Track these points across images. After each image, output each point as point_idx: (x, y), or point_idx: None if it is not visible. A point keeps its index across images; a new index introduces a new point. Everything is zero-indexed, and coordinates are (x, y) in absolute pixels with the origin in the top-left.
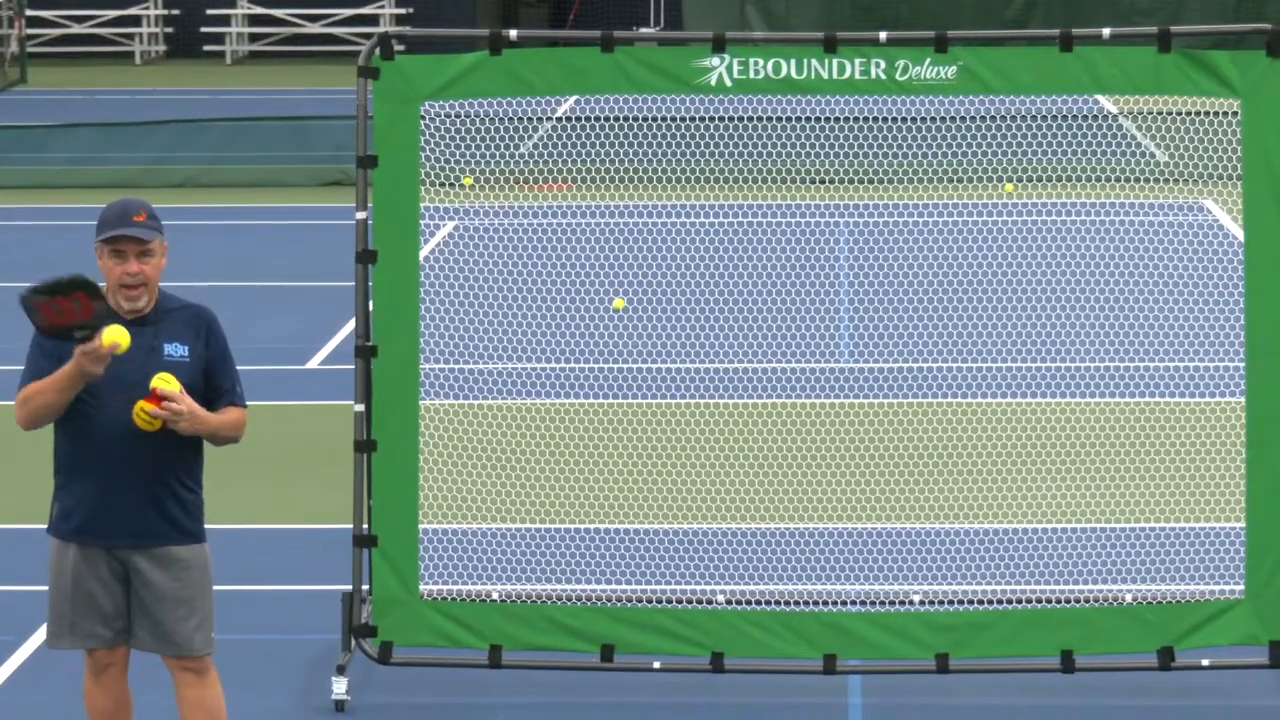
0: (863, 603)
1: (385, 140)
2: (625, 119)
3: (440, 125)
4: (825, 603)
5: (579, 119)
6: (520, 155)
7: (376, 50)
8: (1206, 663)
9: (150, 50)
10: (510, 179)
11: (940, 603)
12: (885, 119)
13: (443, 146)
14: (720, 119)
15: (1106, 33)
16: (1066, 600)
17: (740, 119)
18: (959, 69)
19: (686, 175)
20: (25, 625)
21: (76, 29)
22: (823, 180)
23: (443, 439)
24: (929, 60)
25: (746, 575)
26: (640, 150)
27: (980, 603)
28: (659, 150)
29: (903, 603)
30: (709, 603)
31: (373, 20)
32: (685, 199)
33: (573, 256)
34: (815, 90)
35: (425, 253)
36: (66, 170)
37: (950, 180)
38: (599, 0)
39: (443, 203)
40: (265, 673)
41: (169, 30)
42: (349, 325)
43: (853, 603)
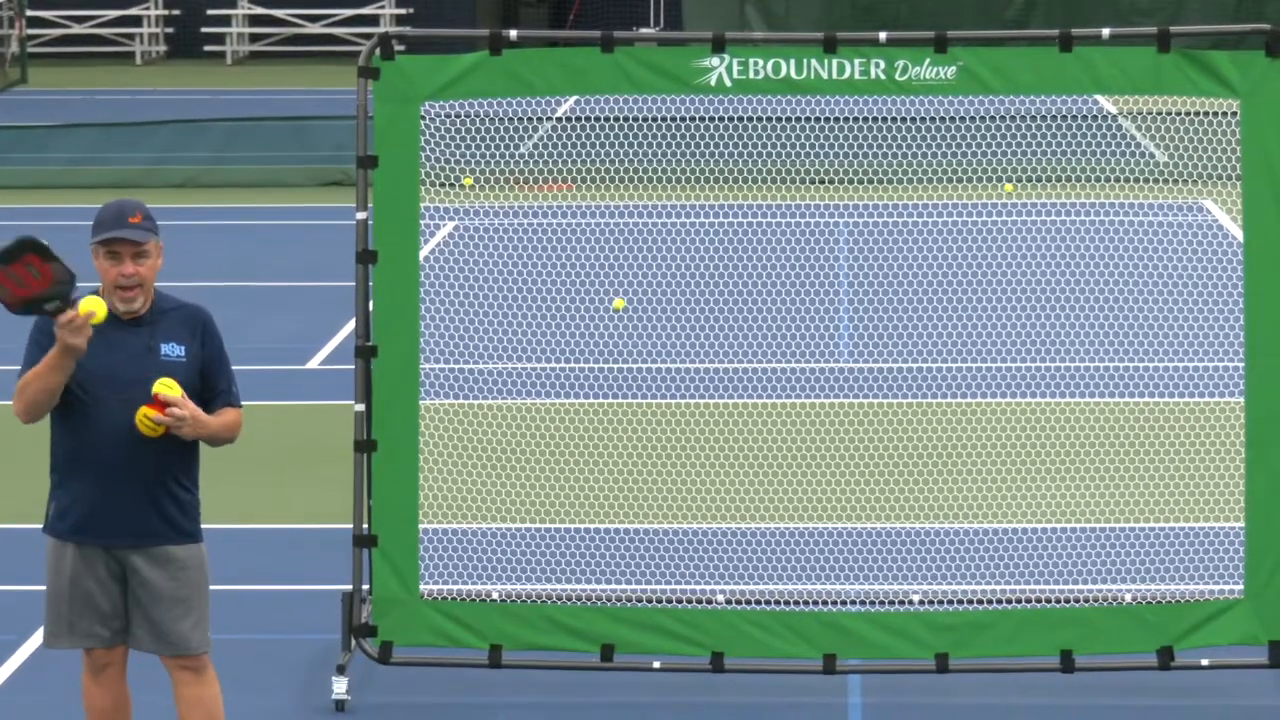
0: (862, 602)
1: (385, 140)
2: (625, 119)
3: (440, 125)
4: (825, 602)
5: (579, 119)
6: (520, 155)
7: (377, 50)
8: (1206, 662)
9: (151, 50)
10: (510, 179)
11: (940, 602)
12: (885, 119)
13: (443, 146)
14: (720, 119)
15: (1106, 33)
16: (1066, 600)
17: (740, 119)
18: (959, 69)
19: (686, 175)
20: (25, 625)
21: (77, 29)
22: (822, 180)
23: (443, 439)
24: (929, 60)
25: (746, 575)
26: (640, 150)
27: (980, 602)
28: (659, 150)
29: (902, 602)
30: (709, 602)
31: (373, 20)
32: (685, 199)
33: (573, 256)
34: (815, 90)
35: (425, 253)
36: (67, 170)
37: (950, 180)
38: (599, 0)
39: (443, 203)
40: (265, 672)
41: (169, 30)
42: (349, 325)
43: (852, 602)
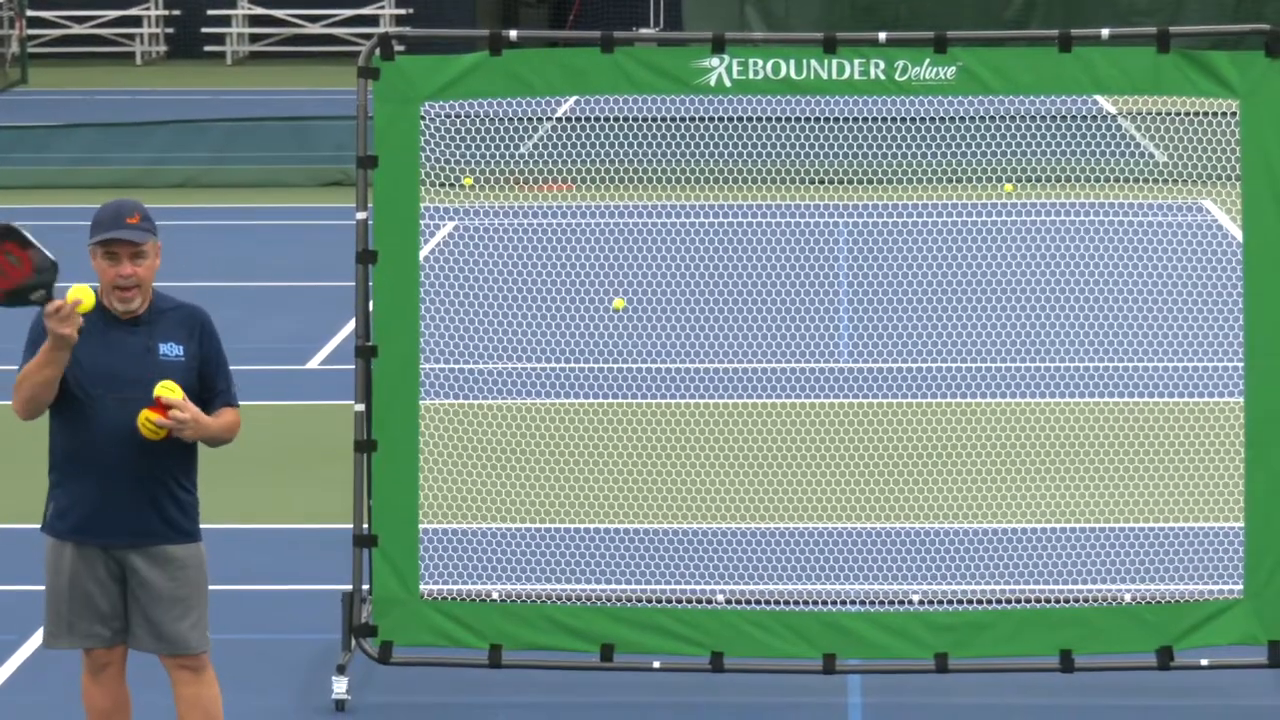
0: (862, 602)
1: (385, 140)
2: (625, 119)
3: (440, 125)
4: (825, 602)
5: (579, 119)
6: (520, 155)
7: (377, 51)
8: (1205, 662)
9: (151, 51)
10: (510, 179)
11: (940, 602)
12: (884, 119)
13: (443, 147)
14: (720, 119)
15: (1105, 33)
16: (1066, 600)
17: (740, 119)
18: (958, 69)
19: (686, 176)
20: (25, 625)
21: (77, 29)
22: (822, 180)
23: (443, 439)
24: (928, 61)
25: (746, 575)
26: (640, 150)
27: (979, 602)
28: (658, 151)
29: (902, 602)
30: (708, 602)
31: (373, 21)
32: (685, 199)
33: (573, 256)
34: (815, 91)
35: (425, 253)
36: (67, 170)
37: (949, 180)
38: (599, 1)
39: (443, 203)
40: (265, 672)
41: (169, 31)
42: (349, 325)
43: (852, 602)
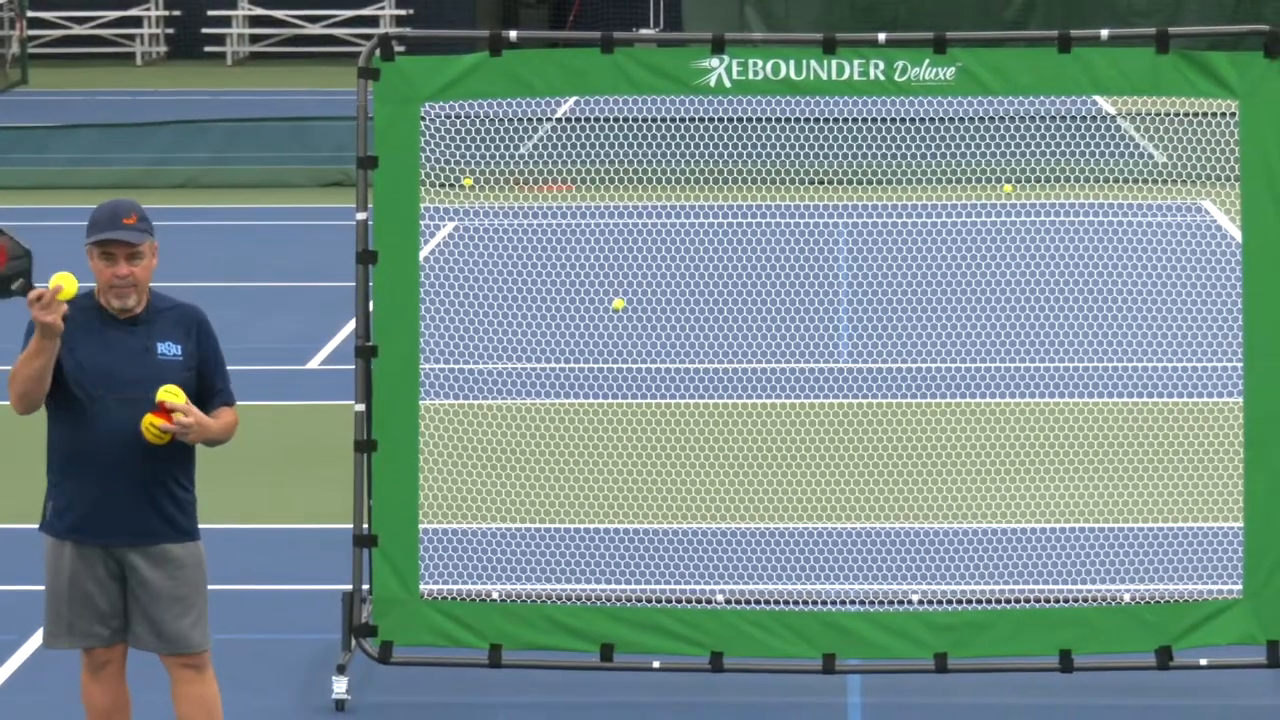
0: (862, 602)
1: (385, 141)
2: (625, 120)
3: (440, 126)
4: (824, 602)
5: (578, 120)
6: (520, 156)
7: (377, 51)
8: (1204, 662)
9: (151, 51)
10: (510, 180)
11: (939, 602)
12: (884, 120)
13: (443, 147)
14: (719, 120)
15: (1105, 34)
16: (1065, 600)
17: (739, 120)
18: (957, 70)
19: (686, 176)
20: (25, 625)
21: (77, 30)
22: (822, 181)
23: (443, 439)
24: (928, 61)
25: (746, 575)
26: (640, 151)
27: (979, 602)
28: (658, 151)
29: (902, 602)
30: (708, 602)
31: (373, 21)
32: (685, 200)
33: (572, 257)
34: (814, 91)
35: (425, 253)
36: (67, 171)
37: (949, 181)
38: (599, 1)
39: (443, 203)
40: (265, 672)
41: (170, 31)
42: (349, 325)
43: (852, 602)
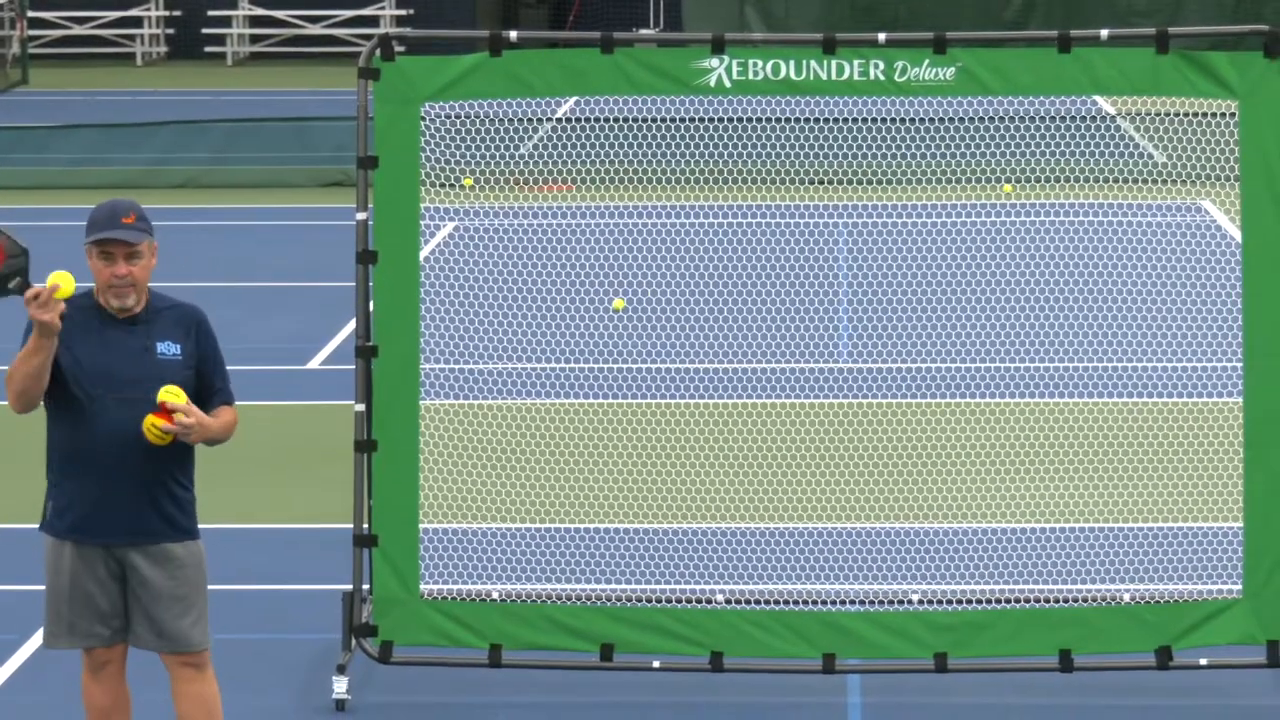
0: (862, 602)
1: (386, 141)
2: (625, 120)
3: (440, 126)
4: (824, 602)
5: (579, 120)
6: (520, 156)
7: (377, 51)
8: (1204, 662)
9: (151, 51)
10: (510, 180)
11: (939, 602)
12: (884, 120)
13: (443, 147)
14: (719, 120)
15: (1105, 34)
16: (1065, 600)
17: (739, 120)
18: (957, 70)
19: (686, 176)
20: (26, 625)
21: (78, 30)
22: (822, 181)
23: (443, 439)
24: (927, 61)
25: (746, 575)
26: (640, 151)
27: (979, 602)
28: (658, 151)
29: (902, 602)
30: (708, 602)
31: (373, 21)
32: (685, 200)
33: (572, 257)
34: (814, 91)
35: (425, 253)
36: (68, 171)
37: (949, 181)
38: (599, 1)
39: (443, 203)
40: (265, 672)
41: (170, 31)
42: (349, 325)
43: (852, 602)
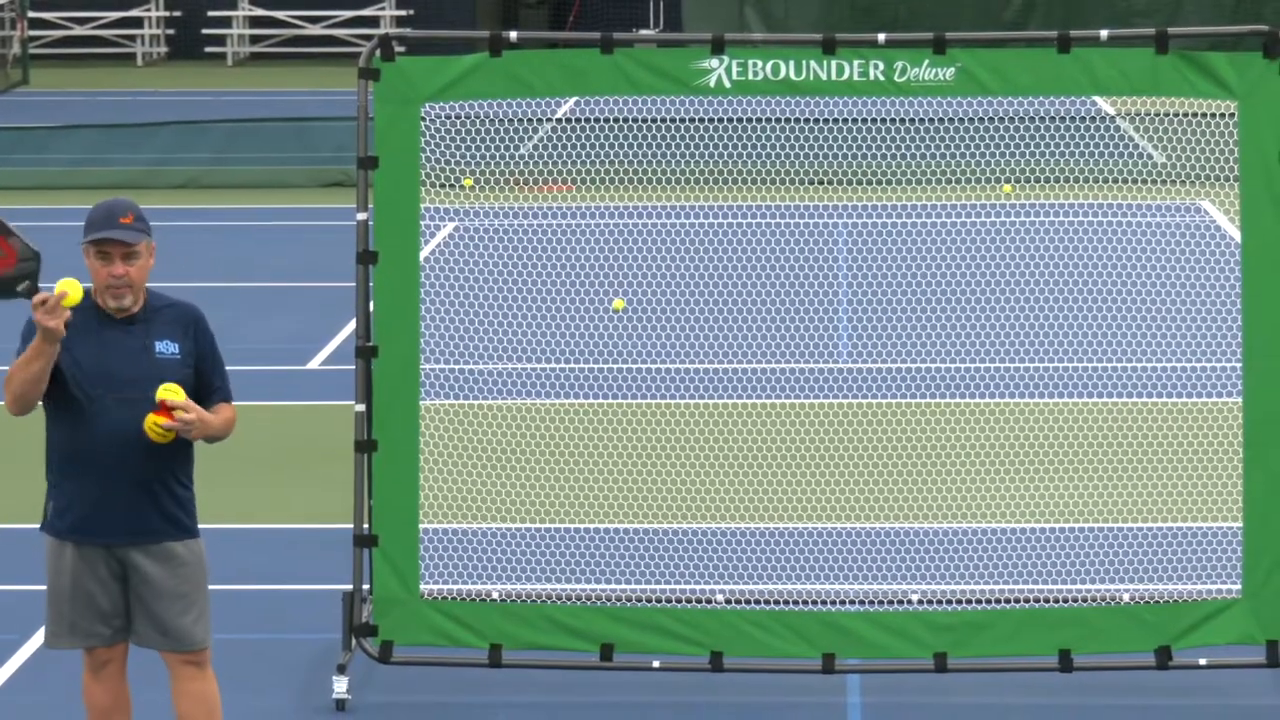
0: (861, 602)
1: (386, 141)
2: (625, 120)
3: (440, 126)
4: (824, 602)
5: (578, 120)
6: (520, 156)
7: (377, 52)
8: (1204, 662)
9: (152, 52)
10: (510, 180)
11: (939, 602)
12: (884, 120)
13: (443, 148)
14: (719, 120)
15: (1104, 34)
16: (1064, 600)
17: (739, 120)
18: (957, 70)
19: (686, 177)
20: (26, 625)
21: (78, 30)
22: (822, 181)
23: (443, 439)
24: (927, 62)
25: (745, 575)
26: (640, 152)
27: (979, 602)
28: (658, 152)
29: (901, 602)
30: (708, 602)
31: (373, 22)
32: (684, 200)
33: (572, 257)
34: (814, 92)
35: (425, 253)
36: (68, 171)
37: (948, 182)
38: (599, 2)
39: (443, 204)
40: (265, 672)
41: (170, 32)
42: (349, 325)
43: (851, 602)
